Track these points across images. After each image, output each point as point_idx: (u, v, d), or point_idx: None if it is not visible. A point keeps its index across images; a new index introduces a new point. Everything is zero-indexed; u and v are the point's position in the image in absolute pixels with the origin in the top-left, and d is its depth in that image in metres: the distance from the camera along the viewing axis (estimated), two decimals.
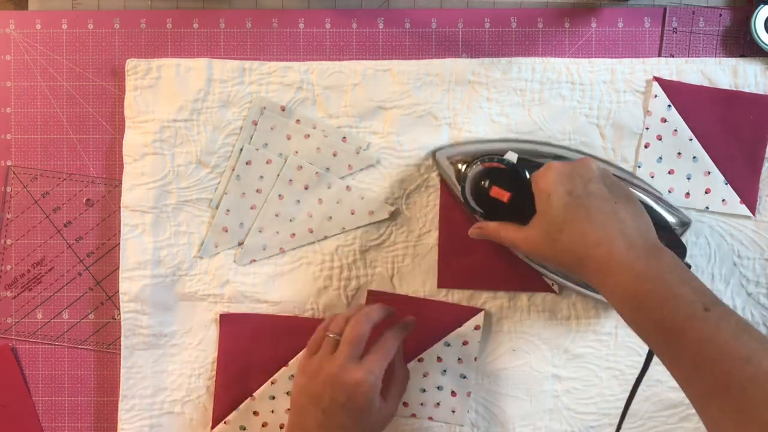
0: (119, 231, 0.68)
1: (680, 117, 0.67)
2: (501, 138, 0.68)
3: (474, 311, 0.68)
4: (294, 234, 0.69)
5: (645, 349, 0.68)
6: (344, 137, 0.69)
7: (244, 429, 0.69)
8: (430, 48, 0.70)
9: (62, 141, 0.70)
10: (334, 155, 0.69)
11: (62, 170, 0.70)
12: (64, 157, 0.70)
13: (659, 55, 0.69)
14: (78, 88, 0.70)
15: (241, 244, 0.69)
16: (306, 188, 0.69)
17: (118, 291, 0.69)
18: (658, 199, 0.65)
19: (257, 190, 0.69)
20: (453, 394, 0.69)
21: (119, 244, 0.68)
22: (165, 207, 0.69)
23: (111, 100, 0.70)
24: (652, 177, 0.68)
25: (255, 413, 0.69)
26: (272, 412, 0.69)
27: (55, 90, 0.70)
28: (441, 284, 0.68)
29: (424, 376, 0.69)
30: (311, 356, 0.59)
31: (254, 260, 0.69)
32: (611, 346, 0.68)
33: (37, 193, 0.70)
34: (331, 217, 0.69)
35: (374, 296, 0.68)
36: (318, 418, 0.56)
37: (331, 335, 0.59)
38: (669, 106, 0.67)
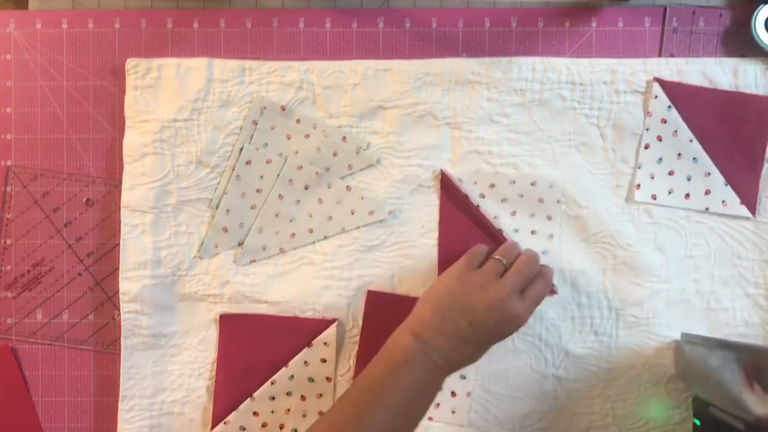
0: (119, 231, 0.68)
1: (680, 118, 0.67)
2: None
3: None
4: (294, 234, 0.69)
5: (645, 349, 0.68)
6: (344, 137, 0.69)
7: (244, 429, 0.69)
8: (430, 48, 0.70)
9: (62, 141, 0.70)
10: (334, 155, 0.69)
11: (62, 170, 0.70)
12: (64, 157, 0.70)
13: (659, 55, 0.69)
14: (78, 88, 0.70)
15: (241, 244, 0.69)
16: (306, 188, 0.69)
17: (118, 291, 0.69)
18: None
19: (257, 190, 0.69)
20: (453, 394, 0.69)
21: (119, 244, 0.68)
22: (165, 207, 0.68)
23: (111, 100, 0.70)
24: (652, 178, 0.68)
25: (255, 413, 0.69)
26: (272, 412, 0.69)
27: (55, 90, 0.70)
28: None
29: None
30: (471, 269, 0.61)
31: (254, 260, 0.69)
32: (611, 347, 0.68)
33: (37, 193, 0.70)
34: (331, 217, 0.69)
35: (374, 296, 0.68)
36: (461, 327, 0.58)
37: (501, 259, 0.61)
38: (669, 107, 0.67)
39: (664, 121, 0.67)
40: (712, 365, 0.60)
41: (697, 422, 0.65)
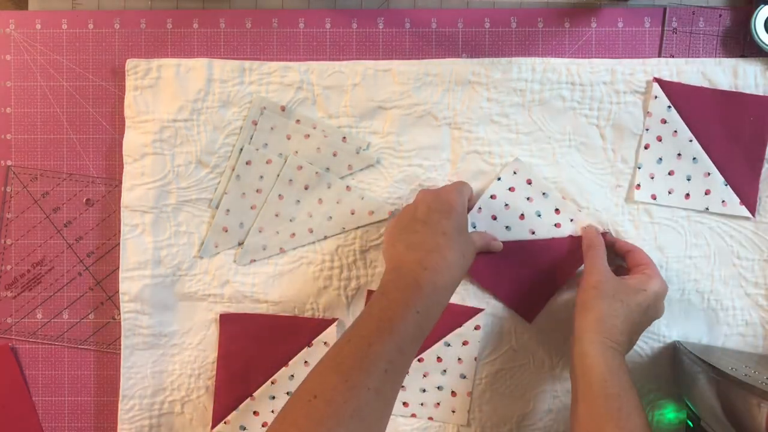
0: (119, 231, 0.68)
1: (680, 118, 0.67)
2: None
3: (474, 311, 0.68)
4: (294, 234, 0.69)
5: (644, 349, 0.68)
6: (344, 137, 0.69)
7: (244, 429, 0.69)
8: (430, 48, 0.70)
9: (62, 141, 0.70)
10: (334, 155, 0.69)
11: (62, 170, 0.70)
12: (64, 157, 0.70)
13: (659, 55, 0.69)
14: (78, 88, 0.70)
15: (241, 244, 0.69)
16: (306, 188, 0.69)
17: (118, 291, 0.69)
18: None
19: (257, 190, 0.69)
20: (453, 394, 0.69)
21: (119, 244, 0.68)
22: (165, 207, 0.69)
23: (111, 100, 0.70)
24: (652, 178, 0.68)
25: (255, 413, 0.69)
26: (272, 412, 0.69)
27: (55, 90, 0.70)
28: None
29: (424, 376, 0.69)
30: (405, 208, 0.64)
31: (254, 260, 0.69)
32: None
33: (37, 193, 0.70)
34: (331, 217, 0.69)
35: None
36: (416, 231, 0.60)
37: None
38: (669, 107, 0.67)
39: (663, 122, 0.68)
40: (706, 387, 0.60)
41: (690, 424, 0.65)
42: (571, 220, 0.68)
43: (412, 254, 0.58)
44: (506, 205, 0.68)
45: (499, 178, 0.68)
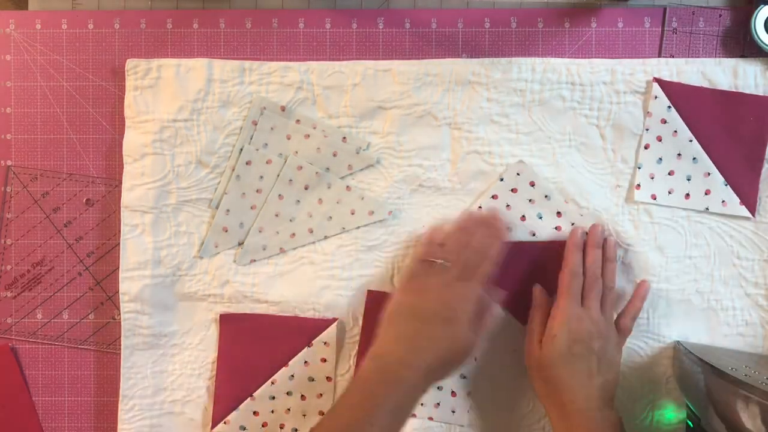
0: (119, 231, 0.68)
1: (680, 118, 0.67)
2: None
3: None
4: (294, 234, 0.69)
5: (644, 349, 0.68)
6: (344, 137, 0.69)
7: (245, 429, 0.69)
8: (430, 48, 0.70)
9: (62, 141, 0.70)
10: (334, 155, 0.69)
11: (62, 170, 0.70)
12: (64, 157, 0.70)
13: (659, 56, 0.69)
14: (78, 88, 0.70)
15: (241, 244, 0.69)
16: (306, 188, 0.69)
17: (118, 291, 0.69)
18: None
19: (257, 190, 0.69)
20: (453, 394, 0.69)
21: (119, 244, 0.68)
22: (165, 207, 0.69)
23: (111, 100, 0.70)
24: (652, 178, 0.68)
25: (255, 413, 0.69)
26: (272, 412, 0.69)
27: (55, 90, 0.70)
28: None
29: None
30: (415, 277, 0.62)
31: (254, 260, 0.69)
32: None
33: (37, 193, 0.70)
34: (331, 217, 0.69)
35: (374, 296, 0.68)
36: (415, 329, 0.58)
37: (443, 262, 0.61)
38: (669, 107, 0.67)
39: (663, 122, 0.68)
40: (706, 387, 0.60)
41: (690, 424, 0.65)
42: (573, 224, 0.68)
43: (399, 348, 0.57)
44: (507, 205, 0.68)
45: (501, 179, 0.68)
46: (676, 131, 0.68)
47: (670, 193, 0.68)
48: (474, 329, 0.59)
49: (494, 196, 0.68)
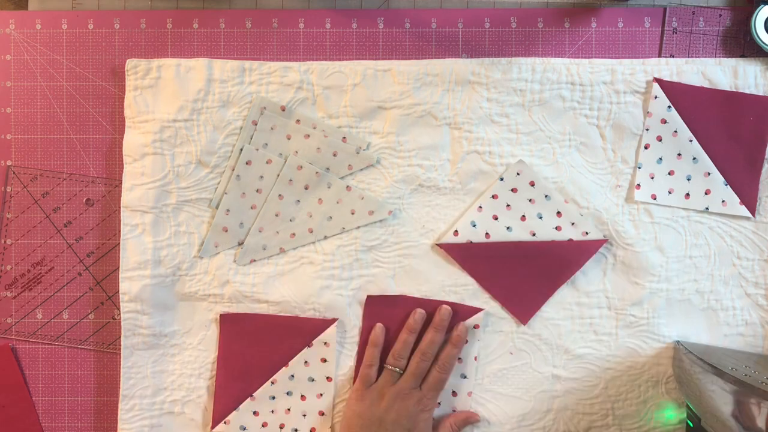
0: (119, 231, 0.69)
1: (680, 118, 0.67)
2: None
3: (474, 311, 0.68)
4: (294, 234, 0.69)
5: (644, 349, 0.68)
6: (344, 137, 0.69)
7: (245, 429, 0.69)
8: (430, 48, 0.70)
9: (62, 141, 0.70)
10: (334, 155, 0.69)
11: (62, 170, 0.70)
12: (64, 157, 0.70)
13: (659, 56, 0.69)
14: (78, 88, 0.70)
15: (241, 244, 0.69)
16: (306, 188, 0.69)
17: (118, 291, 0.69)
18: None
19: (257, 190, 0.69)
20: (453, 394, 0.69)
21: (119, 244, 0.68)
22: (165, 207, 0.69)
23: (111, 100, 0.70)
24: (652, 178, 0.68)
25: (255, 413, 0.69)
26: (272, 412, 0.69)
27: (55, 90, 0.70)
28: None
29: None
30: (368, 385, 0.66)
31: (254, 260, 0.69)
32: (611, 347, 0.69)
33: (37, 193, 0.70)
34: (331, 217, 0.69)
35: (374, 300, 0.68)
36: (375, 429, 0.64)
37: (394, 369, 0.66)
38: (669, 107, 0.67)
39: (663, 122, 0.68)
40: (706, 387, 0.60)
41: (690, 424, 0.65)
42: (573, 224, 0.68)
43: None
44: (507, 205, 0.68)
45: (501, 179, 0.68)
46: (676, 131, 0.68)
47: (670, 193, 0.68)
48: None
49: (494, 196, 0.68)
